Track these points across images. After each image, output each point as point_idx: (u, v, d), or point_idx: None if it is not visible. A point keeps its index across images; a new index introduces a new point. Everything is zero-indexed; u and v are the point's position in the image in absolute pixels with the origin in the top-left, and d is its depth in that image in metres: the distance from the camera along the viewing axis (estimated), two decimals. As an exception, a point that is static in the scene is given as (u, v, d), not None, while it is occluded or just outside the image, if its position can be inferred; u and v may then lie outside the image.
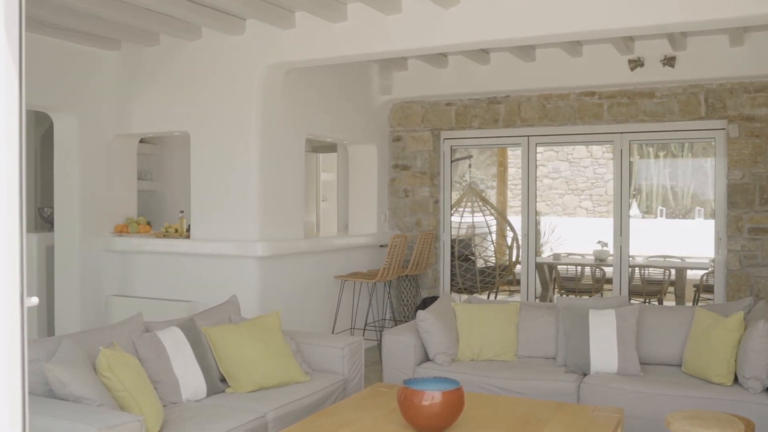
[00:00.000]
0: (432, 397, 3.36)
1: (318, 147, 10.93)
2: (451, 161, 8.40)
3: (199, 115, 6.46)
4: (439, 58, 7.52)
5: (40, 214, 8.39)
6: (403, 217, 8.27)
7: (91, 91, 6.71)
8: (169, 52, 6.60)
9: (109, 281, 6.86)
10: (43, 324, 7.32)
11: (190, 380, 4.14)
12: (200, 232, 6.47)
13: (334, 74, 7.22)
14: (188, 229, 6.66)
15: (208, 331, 4.47)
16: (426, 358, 5.18)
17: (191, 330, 4.38)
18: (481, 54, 7.30)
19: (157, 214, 9.39)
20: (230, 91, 6.29)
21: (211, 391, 4.24)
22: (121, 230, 6.90)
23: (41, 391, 3.47)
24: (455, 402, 3.40)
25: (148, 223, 7.11)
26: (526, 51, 7.06)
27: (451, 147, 8.33)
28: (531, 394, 4.66)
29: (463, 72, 7.60)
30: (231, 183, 6.31)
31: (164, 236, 6.69)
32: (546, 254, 11.64)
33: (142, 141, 9.36)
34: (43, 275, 7.36)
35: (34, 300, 1.78)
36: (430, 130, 8.15)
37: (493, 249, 9.13)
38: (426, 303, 7.81)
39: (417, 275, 7.97)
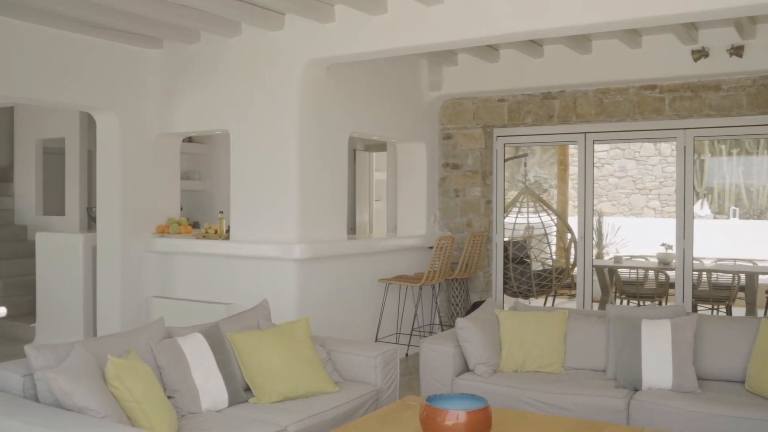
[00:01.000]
0: (456, 416, 3.08)
1: (371, 146, 10.73)
2: (504, 160, 8.05)
3: (239, 113, 6.31)
4: (489, 51, 7.19)
5: (89, 214, 8.43)
6: (453, 218, 7.97)
7: (133, 90, 6.65)
8: (209, 49, 6.48)
9: (150, 283, 6.79)
10: (89, 325, 7.33)
11: (211, 389, 3.96)
12: (239, 234, 6.33)
13: (379, 70, 6.98)
14: (228, 231, 6.53)
15: (233, 337, 4.28)
16: (466, 369, 4.88)
17: (215, 336, 4.21)
18: (534, 47, 6.93)
19: (207, 214, 9.35)
20: (270, 88, 6.12)
21: (234, 400, 4.05)
22: (163, 231, 6.82)
23: (50, 400, 3.34)
24: (482, 422, 3.11)
25: (195, 224, 7.03)
26: (581, 42, 6.67)
27: (504, 145, 7.98)
28: (576, 410, 4.31)
29: (515, 66, 7.25)
30: (270, 183, 6.14)
31: (204, 237, 6.57)
32: (609, 256, 11.13)
33: (191, 140, 9.34)
34: (89, 276, 7.37)
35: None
36: (482, 127, 7.83)
37: (549, 251, 8.73)
38: (476, 307, 7.48)
39: (467, 279, 7.66)
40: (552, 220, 9.13)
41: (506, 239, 8.17)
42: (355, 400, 4.25)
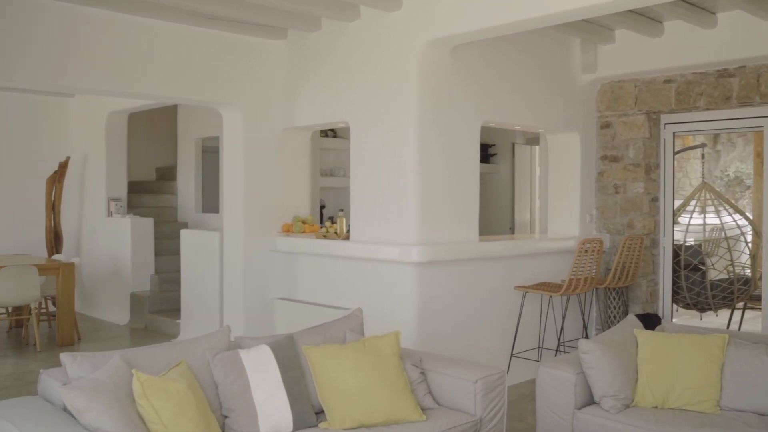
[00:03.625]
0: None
1: (532, 139, 9.89)
2: (674, 152, 6.92)
3: (358, 103, 5.84)
4: (652, 24, 6.15)
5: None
6: (612, 218, 6.97)
7: (257, 83, 6.41)
8: (329, 36, 6.07)
9: (276, 283, 6.51)
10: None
11: (273, 411, 3.48)
12: (359, 234, 5.85)
13: (518, 50, 6.20)
14: (349, 230, 6.08)
15: (308, 351, 3.78)
16: (591, 400, 4.03)
17: (285, 349, 3.73)
18: (705, 15, 5.81)
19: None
20: (387, 74, 5.59)
21: (300, 424, 3.54)
22: (288, 230, 6.53)
23: (79, 415, 3.02)
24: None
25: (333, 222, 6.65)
26: (764, 5, 5.47)
27: (673, 133, 6.85)
28: (725, 467, 3.35)
29: (683, 39, 6.14)
30: (389, 178, 5.60)
31: (324, 237, 6.17)
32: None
33: (335, 136, 9.04)
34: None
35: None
36: (645, 113, 6.76)
37: (731, 257, 7.42)
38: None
39: (626, 288, 6.64)
40: (735, 221, 7.77)
41: (676, 242, 7.02)
42: (445, 432, 3.59)
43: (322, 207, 8.60)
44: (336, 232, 6.11)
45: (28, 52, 5.22)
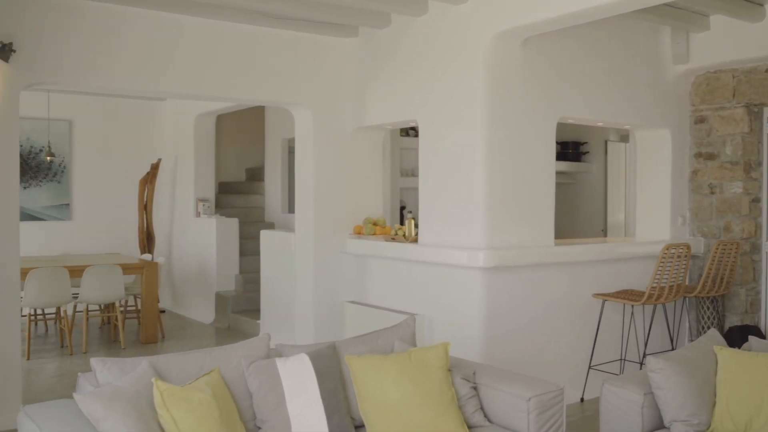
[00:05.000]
0: None
1: (626, 136, 9.35)
2: (779, 147, 6.31)
3: (425, 100, 5.62)
4: (751, 8, 5.61)
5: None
6: (707, 221, 6.43)
7: (327, 82, 6.30)
8: (399, 33, 5.88)
9: (347, 286, 6.38)
10: (303, 328, 7.14)
11: (308, 422, 3.32)
12: (427, 236, 5.63)
13: (599, 40, 5.79)
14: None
15: (351, 361, 3.60)
16: (660, 425, 3.65)
17: (326, 359, 3.56)
18: (811, -5, 5.24)
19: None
20: (454, 69, 5.34)
21: (337, 438, 3.37)
22: (359, 231, 6.38)
23: (105, 423, 2.96)
24: None
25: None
26: None
27: (778, 128, 6.25)
28: None
29: (787, 24, 5.58)
30: (456, 178, 5.35)
31: (393, 239, 5.98)
32: None
33: (416, 135, 8.84)
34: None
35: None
36: (745, 106, 6.19)
37: None
38: (732, 334, 5.93)
39: (721, 297, 6.10)
40: None
41: (782, 248, 6.40)
42: (492, 454, 3.33)
43: (403, 208, 8.41)
44: (404, 235, 5.91)
45: (117, 58, 5.34)
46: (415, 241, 5.80)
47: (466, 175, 5.26)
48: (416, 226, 5.90)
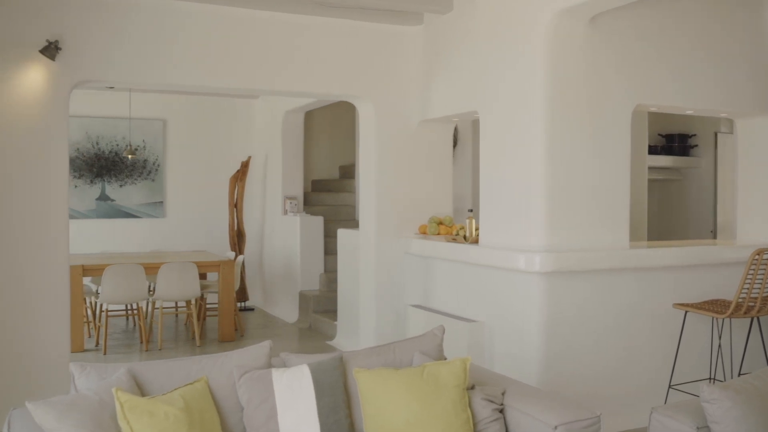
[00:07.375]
0: None
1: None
2: None
3: (486, 90, 5.19)
4: None
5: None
6: (822, 222, 5.59)
7: (390, 73, 5.99)
8: (461, 17, 5.49)
9: (410, 289, 6.05)
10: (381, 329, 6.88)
11: (300, 441, 3.04)
12: (488, 238, 5.19)
13: (684, 14, 5.13)
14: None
15: (360, 375, 3.27)
16: (717, 463, 3.08)
17: (328, 372, 3.24)
18: None
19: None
20: (514, 54, 4.88)
21: (332, 460, 3.06)
22: (424, 231, 6.03)
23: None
24: None
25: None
26: None
27: None
28: None
29: None
30: (516, 174, 4.89)
31: (454, 240, 5.58)
32: None
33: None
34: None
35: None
36: None
37: None
38: None
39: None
40: None
41: None
42: (506, 488, 2.91)
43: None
44: (465, 236, 5.50)
45: (173, 55, 5.32)
46: (476, 242, 5.38)
47: (525, 169, 4.79)
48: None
